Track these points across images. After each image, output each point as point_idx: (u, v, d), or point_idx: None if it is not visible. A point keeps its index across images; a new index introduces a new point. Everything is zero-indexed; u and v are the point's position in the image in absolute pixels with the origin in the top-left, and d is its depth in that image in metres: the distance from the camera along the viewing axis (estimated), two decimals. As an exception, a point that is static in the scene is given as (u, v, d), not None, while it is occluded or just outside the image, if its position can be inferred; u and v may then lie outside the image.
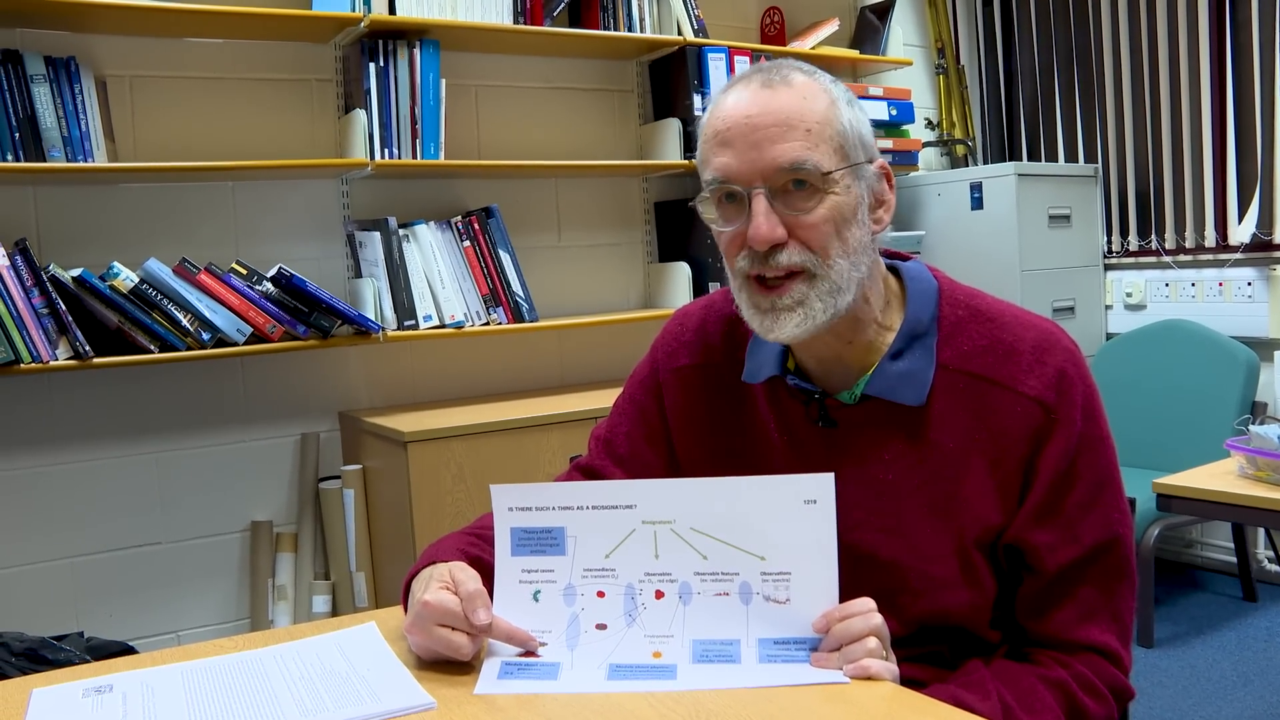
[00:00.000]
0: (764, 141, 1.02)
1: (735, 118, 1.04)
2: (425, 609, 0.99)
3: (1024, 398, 1.05)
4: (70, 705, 0.97)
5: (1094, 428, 1.07)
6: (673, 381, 1.24)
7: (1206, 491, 1.88)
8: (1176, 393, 3.30)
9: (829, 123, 1.04)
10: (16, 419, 2.45)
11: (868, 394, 1.09)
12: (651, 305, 3.24)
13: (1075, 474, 1.06)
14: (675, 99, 3.09)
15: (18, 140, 2.24)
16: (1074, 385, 1.06)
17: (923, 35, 3.90)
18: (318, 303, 2.46)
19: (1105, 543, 1.06)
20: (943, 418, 1.07)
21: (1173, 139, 3.44)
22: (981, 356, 1.08)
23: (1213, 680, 2.76)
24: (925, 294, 1.12)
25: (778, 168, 1.02)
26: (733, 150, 1.04)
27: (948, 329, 1.10)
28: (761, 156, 1.02)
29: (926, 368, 1.08)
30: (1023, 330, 1.09)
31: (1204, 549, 3.58)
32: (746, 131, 1.03)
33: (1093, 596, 1.07)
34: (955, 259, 3.45)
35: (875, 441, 1.09)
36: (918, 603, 1.06)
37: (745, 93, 1.05)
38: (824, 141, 1.03)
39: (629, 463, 1.24)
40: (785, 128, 1.02)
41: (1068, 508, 1.06)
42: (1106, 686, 1.06)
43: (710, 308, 1.26)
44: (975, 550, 1.07)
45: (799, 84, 1.05)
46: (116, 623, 2.54)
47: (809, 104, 1.03)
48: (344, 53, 2.76)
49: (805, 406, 1.13)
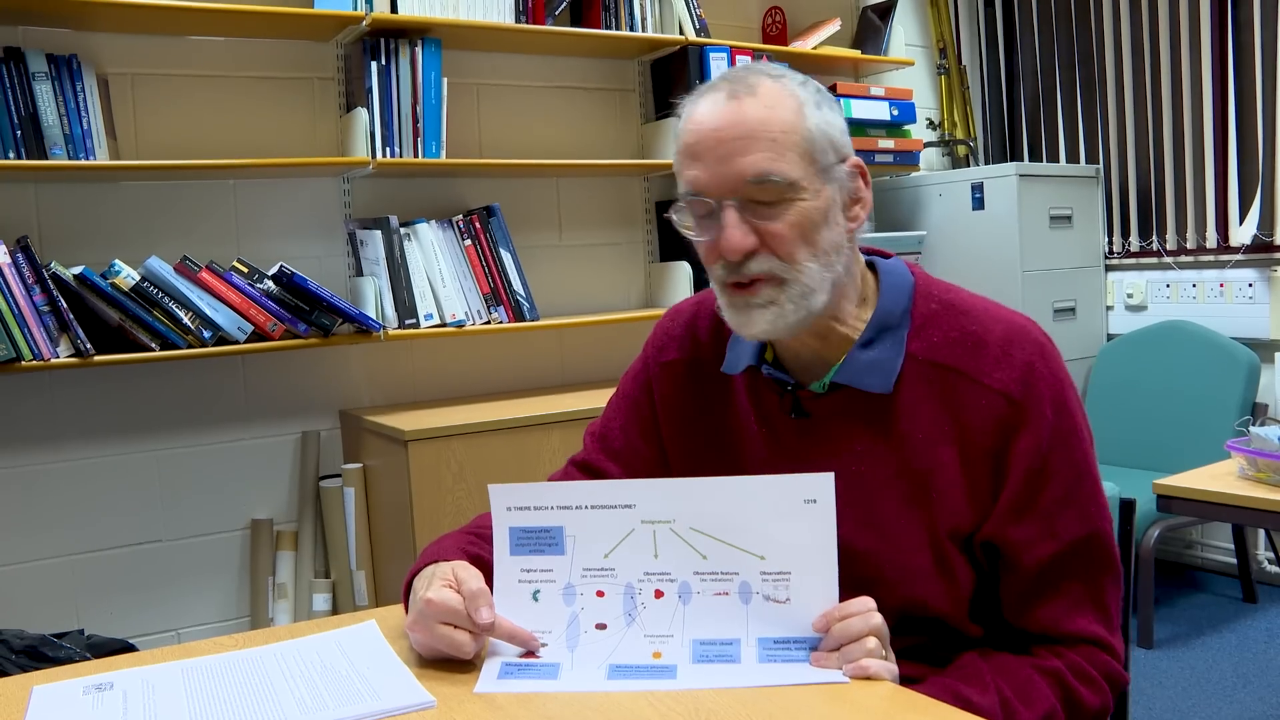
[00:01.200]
0: (730, 155, 1.03)
1: (703, 131, 1.05)
2: (428, 607, 0.99)
3: (989, 390, 1.06)
4: (71, 703, 0.97)
5: (1066, 421, 1.07)
6: (662, 375, 1.26)
7: (1207, 493, 1.88)
8: (1177, 394, 3.30)
9: (794, 130, 1.04)
10: (17, 416, 2.45)
11: (837, 382, 1.11)
12: (652, 304, 3.24)
13: (1050, 469, 1.06)
14: (676, 98, 3.07)
15: (19, 138, 2.24)
16: (1042, 379, 1.06)
17: (924, 35, 3.90)
18: (319, 301, 2.46)
19: (1084, 538, 1.07)
20: (911, 408, 1.09)
21: (1174, 139, 3.44)
22: (950, 348, 1.09)
23: (1213, 681, 2.76)
24: (899, 288, 1.13)
25: (744, 180, 1.03)
26: (701, 164, 1.05)
27: (920, 321, 1.11)
28: (729, 170, 1.03)
29: (895, 357, 1.09)
30: (992, 323, 1.10)
31: (1204, 550, 3.58)
32: (713, 145, 1.04)
33: (1077, 590, 1.07)
34: (956, 259, 3.45)
35: (847, 432, 1.11)
36: (894, 593, 1.07)
37: (712, 105, 1.06)
38: (790, 149, 1.03)
39: (623, 456, 1.26)
40: (750, 139, 1.03)
41: (1044, 503, 1.06)
42: (1101, 674, 1.06)
43: (701, 304, 1.27)
44: (949, 542, 1.07)
45: (764, 92, 1.05)
46: (117, 620, 2.54)
47: (774, 113, 1.04)
48: (346, 51, 2.76)
49: (780, 397, 1.15)
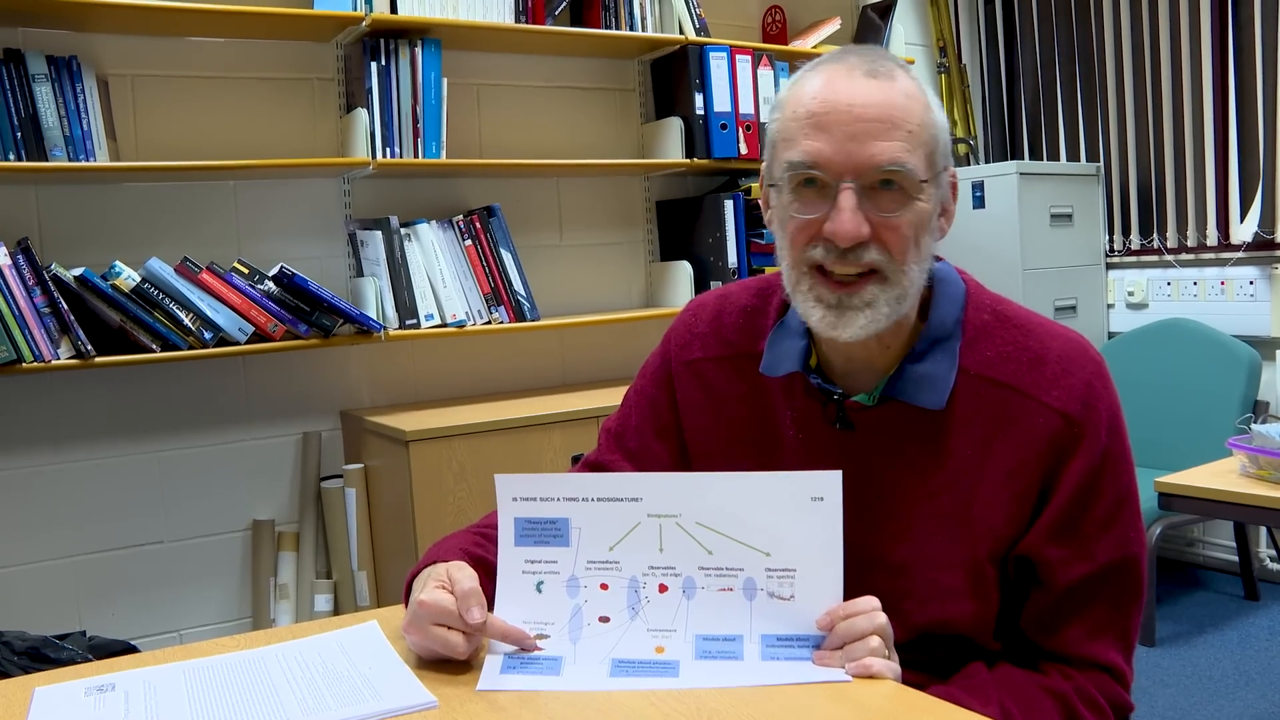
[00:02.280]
0: (864, 135, 0.96)
1: (836, 102, 0.97)
2: (421, 608, 0.99)
3: (1047, 408, 1.03)
4: (72, 704, 0.97)
5: (1118, 444, 1.05)
6: (685, 374, 1.21)
7: (1208, 490, 1.87)
8: (1178, 392, 3.30)
9: (926, 127, 0.99)
10: (18, 418, 2.45)
11: (887, 395, 1.06)
12: (653, 304, 3.24)
13: (1097, 491, 1.03)
14: (677, 98, 3.09)
15: (19, 140, 2.24)
16: (1100, 399, 1.03)
17: (924, 34, 3.90)
18: (319, 302, 2.46)
19: (1119, 561, 1.04)
20: (961, 424, 1.05)
21: (1175, 137, 3.43)
22: (1005, 363, 1.05)
23: (1214, 679, 2.76)
24: (953, 297, 1.09)
25: (875, 165, 0.97)
26: (828, 136, 0.97)
27: (972, 334, 1.07)
28: (860, 150, 0.96)
29: (948, 372, 1.05)
30: (1050, 339, 1.06)
31: (1206, 548, 3.58)
32: (848, 120, 0.97)
33: (1103, 614, 1.04)
34: (957, 258, 3.38)
35: (891, 445, 1.07)
36: (923, 610, 1.05)
37: (849, 79, 0.98)
38: (921, 146, 0.99)
39: (638, 457, 1.22)
40: (889, 125, 0.97)
41: (1086, 525, 1.03)
42: (1108, 703, 1.04)
43: (726, 299, 1.22)
44: (986, 562, 1.04)
45: (902, 80, 1.00)
46: (118, 622, 2.54)
47: (912, 104, 0.99)
48: (346, 52, 2.76)
49: (823, 406, 1.10)
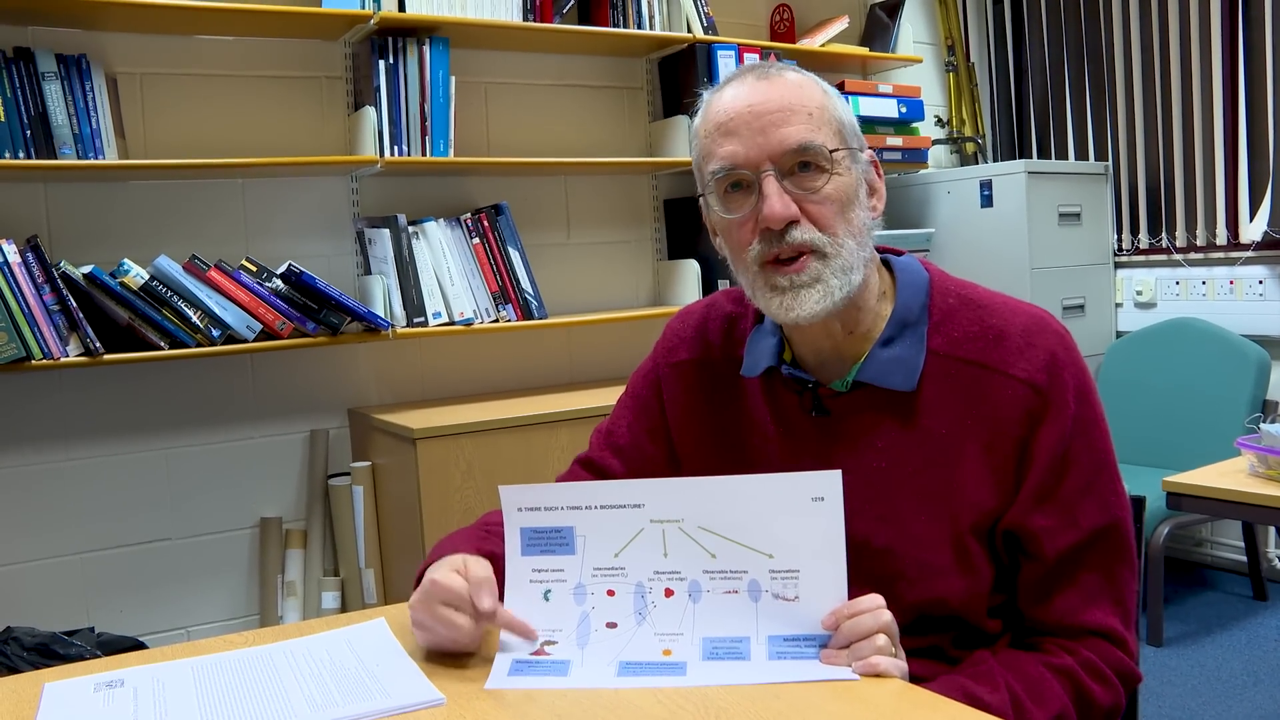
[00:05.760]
0: (769, 126, 1.05)
1: (737, 108, 1.07)
2: (433, 587, 1.01)
3: (1015, 380, 1.07)
4: (82, 699, 0.98)
5: (1088, 410, 1.08)
6: (671, 376, 1.26)
7: (1217, 490, 1.87)
8: (1187, 391, 3.29)
9: (826, 109, 1.08)
10: (27, 415, 2.46)
11: (859, 380, 1.11)
12: (661, 303, 3.24)
13: (1071, 457, 1.06)
14: (685, 96, 3.08)
15: (29, 137, 2.24)
16: (1065, 368, 1.08)
17: (932, 32, 3.89)
18: (327, 300, 2.46)
19: (1104, 527, 1.07)
20: (934, 404, 1.09)
21: (1184, 136, 3.42)
22: (971, 342, 1.10)
23: (1223, 679, 2.75)
24: (916, 284, 1.14)
25: (785, 149, 1.05)
26: (738, 138, 1.06)
27: (938, 317, 1.12)
28: (769, 140, 1.05)
29: (917, 354, 1.10)
30: (1011, 315, 1.11)
31: (1214, 548, 3.56)
32: (750, 119, 1.06)
33: (1094, 581, 1.07)
34: (965, 257, 3.44)
35: (868, 429, 1.11)
36: (913, 590, 1.07)
37: (742, 86, 1.09)
38: (825, 125, 1.07)
39: (628, 453, 1.26)
40: (788, 112, 1.06)
41: (1065, 492, 1.06)
42: (1113, 671, 1.06)
43: (712, 306, 1.28)
44: (970, 537, 1.07)
45: (792, 75, 1.10)
46: (127, 618, 2.55)
47: (805, 91, 1.08)
48: (354, 50, 2.76)
49: (799, 396, 1.15)
